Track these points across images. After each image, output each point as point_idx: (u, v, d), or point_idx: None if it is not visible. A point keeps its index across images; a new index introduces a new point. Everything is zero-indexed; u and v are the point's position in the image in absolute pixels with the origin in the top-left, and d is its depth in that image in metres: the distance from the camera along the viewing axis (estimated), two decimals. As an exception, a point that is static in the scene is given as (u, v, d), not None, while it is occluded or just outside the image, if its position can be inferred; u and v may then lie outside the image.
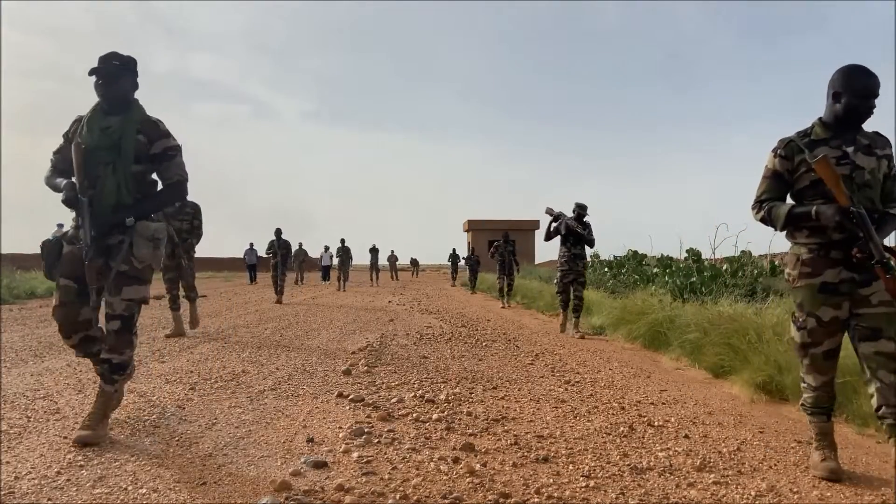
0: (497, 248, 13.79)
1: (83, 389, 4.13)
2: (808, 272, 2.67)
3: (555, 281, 8.48)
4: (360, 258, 27.63)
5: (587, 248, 8.12)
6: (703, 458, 2.86)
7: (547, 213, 8.13)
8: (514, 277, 14.03)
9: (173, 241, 6.94)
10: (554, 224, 8.06)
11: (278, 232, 13.94)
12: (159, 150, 3.03)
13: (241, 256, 25.98)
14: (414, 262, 42.71)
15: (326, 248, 24.78)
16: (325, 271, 25.49)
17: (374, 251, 26.72)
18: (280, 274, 13.43)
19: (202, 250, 8.20)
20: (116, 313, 2.97)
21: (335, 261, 22.34)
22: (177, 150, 3.08)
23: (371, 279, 26.33)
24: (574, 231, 7.84)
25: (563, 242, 8.02)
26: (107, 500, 2.29)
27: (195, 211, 7.45)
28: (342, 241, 21.05)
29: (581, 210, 8.04)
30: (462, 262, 26.06)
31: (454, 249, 27.21)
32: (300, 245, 25.05)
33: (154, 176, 3.13)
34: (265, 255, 14.99)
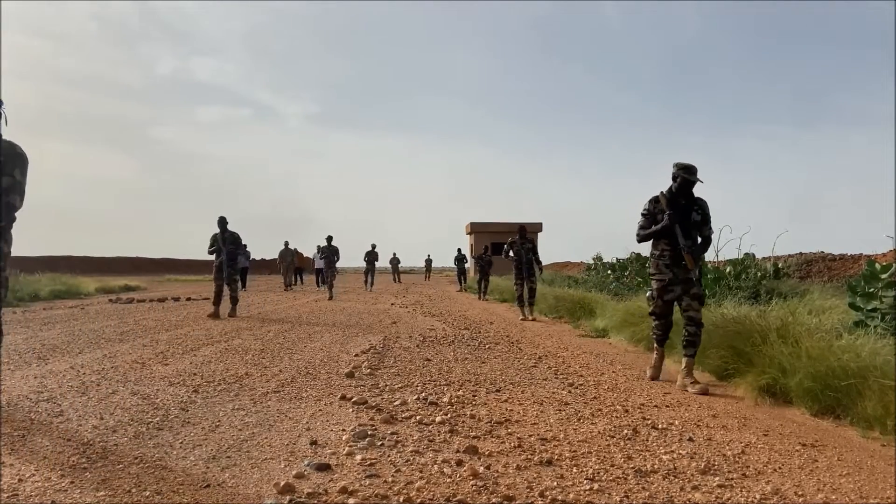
0: (512, 245, 10.86)
1: (86, 392, 4.14)
2: None
3: (647, 295, 5.16)
4: (357, 261, 25.48)
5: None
6: (708, 461, 2.85)
7: (654, 204, 4.90)
8: (536, 281, 11.18)
9: None
10: (662, 223, 4.79)
11: (222, 222, 10.08)
12: None
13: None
14: (428, 263, 36.97)
15: (319, 249, 22.08)
16: (318, 274, 22.82)
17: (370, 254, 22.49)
18: (226, 278, 10.05)
19: (200, 253, 6.91)
20: None
21: (319, 262, 19.31)
22: None
23: (365, 283, 22.47)
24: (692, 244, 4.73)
25: (661, 234, 4.85)
26: (110, 502, 2.29)
27: (6, 159, 3.49)
28: (329, 238, 16.67)
29: (688, 174, 4.72)
30: (468, 264, 24.40)
31: (459, 250, 23.57)
32: (286, 244, 22.67)
33: None
34: (250, 258, 12.33)
